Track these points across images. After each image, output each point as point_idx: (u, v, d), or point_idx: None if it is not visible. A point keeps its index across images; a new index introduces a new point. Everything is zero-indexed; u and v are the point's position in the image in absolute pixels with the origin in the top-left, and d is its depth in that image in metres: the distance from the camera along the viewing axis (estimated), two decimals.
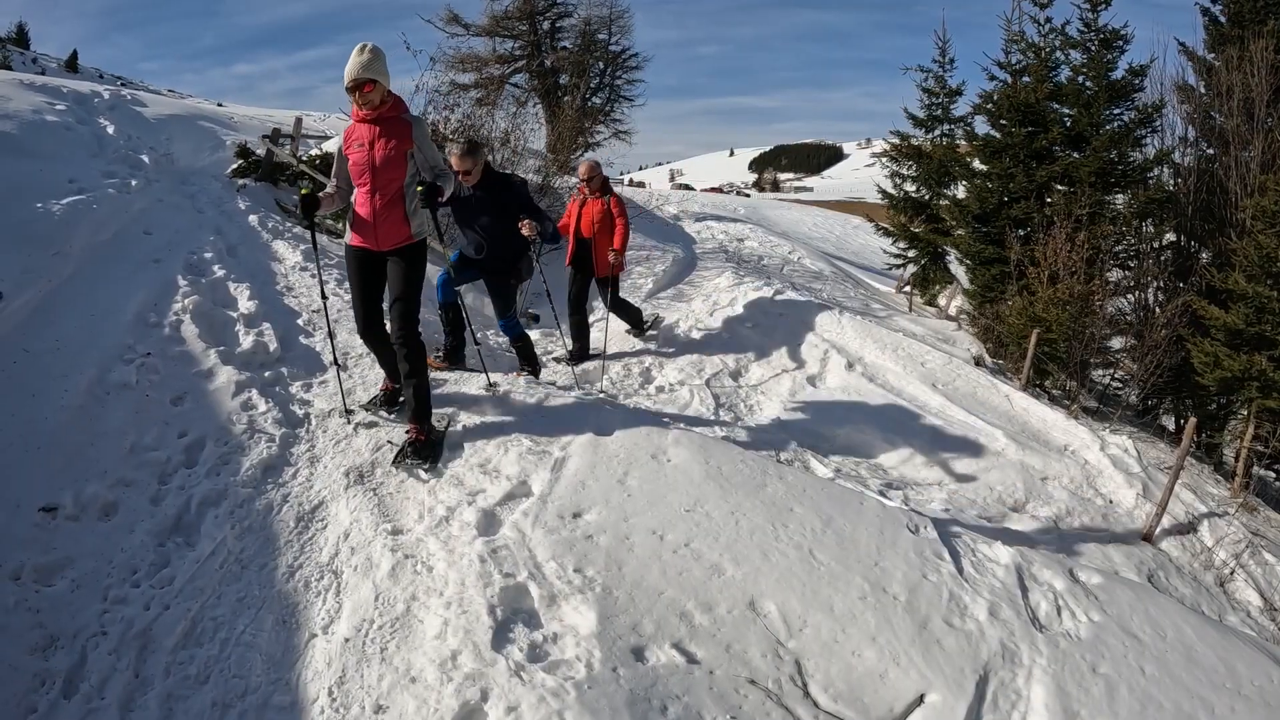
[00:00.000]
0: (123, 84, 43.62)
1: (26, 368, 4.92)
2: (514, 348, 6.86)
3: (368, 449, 4.65)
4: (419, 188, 4.42)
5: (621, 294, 8.46)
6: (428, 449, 4.51)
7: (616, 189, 8.24)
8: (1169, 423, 10.42)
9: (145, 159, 8.65)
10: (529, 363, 6.80)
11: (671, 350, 8.16)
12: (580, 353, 8.03)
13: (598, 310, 8.70)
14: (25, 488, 4.11)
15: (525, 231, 5.99)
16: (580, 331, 8.07)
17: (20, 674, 3.19)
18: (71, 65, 78.45)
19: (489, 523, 3.96)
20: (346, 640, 3.36)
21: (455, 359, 6.41)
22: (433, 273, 6.02)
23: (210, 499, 4.22)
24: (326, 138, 11.76)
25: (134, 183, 7.84)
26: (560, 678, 3.10)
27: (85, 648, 3.34)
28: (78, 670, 3.25)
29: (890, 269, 15.83)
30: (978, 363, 8.60)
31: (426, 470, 4.41)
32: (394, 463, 4.49)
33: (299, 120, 11.39)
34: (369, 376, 5.40)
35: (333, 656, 3.30)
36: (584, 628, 3.34)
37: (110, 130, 9.08)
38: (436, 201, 4.52)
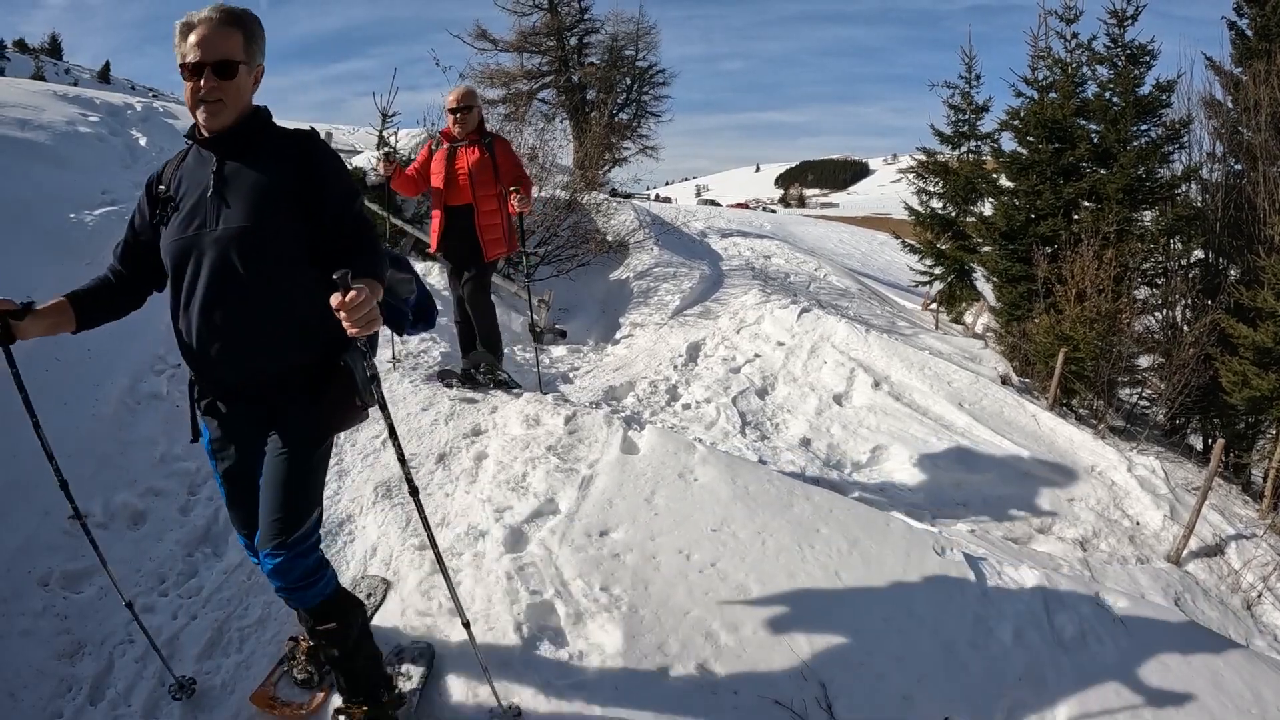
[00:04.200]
0: (155, 95, 44.26)
1: (58, 376, 4.99)
2: (313, 636, 2.96)
3: (396, 463, 4.67)
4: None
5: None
6: None
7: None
8: (1197, 442, 10.26)
9: None
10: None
11: (698, 368, 8.16)
12: (492, 353, 5.80)
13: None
14: (54, 495, 4.13)
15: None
16: (486, 334, 5.71)
17: (47, 679, 3.22)
18: (104, 76, 79.97)
19: (516, 540, 3.97)
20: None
21: None
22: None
23: None
24: (357, 152, 11.86)
25: None
26: (586, 695, 3.10)
27: (112, 655, 3.37)
28: (104, 677, 3.27)
29: (916, 286, 15.74)
30: (1004, 381, 8.54)
31: None
32: None
33: (329, 135, 11.52)
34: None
35: None
36: (610, 646, 3.33)
37: (143, 142, 9.21)
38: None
